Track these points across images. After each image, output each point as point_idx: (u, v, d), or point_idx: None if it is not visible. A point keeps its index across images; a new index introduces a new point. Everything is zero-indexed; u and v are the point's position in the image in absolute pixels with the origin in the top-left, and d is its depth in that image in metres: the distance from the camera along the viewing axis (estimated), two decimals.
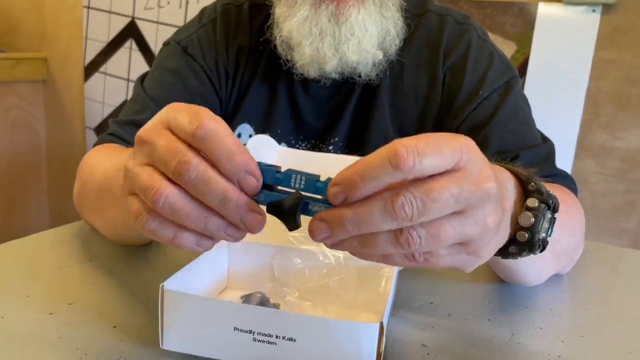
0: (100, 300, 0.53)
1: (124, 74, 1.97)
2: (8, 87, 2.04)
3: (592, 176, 1.42)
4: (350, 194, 0.33)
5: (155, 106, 0.76)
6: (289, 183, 0.36)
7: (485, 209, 0.35)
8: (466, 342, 0.49)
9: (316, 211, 0.35)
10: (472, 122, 0.74)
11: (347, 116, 0.78)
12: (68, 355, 0.43)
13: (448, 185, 0.32)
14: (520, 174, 0.45)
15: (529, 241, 0.43)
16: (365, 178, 0.32)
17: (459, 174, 0.33)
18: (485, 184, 0.34)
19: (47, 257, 0.62)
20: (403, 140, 0.32)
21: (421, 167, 0.32)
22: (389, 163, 0.32)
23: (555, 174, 0.69)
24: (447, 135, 0.33)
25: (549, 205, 0.44)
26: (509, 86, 0.75)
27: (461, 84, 0.75)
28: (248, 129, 0.80)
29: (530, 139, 0.72)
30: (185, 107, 0.37)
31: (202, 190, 0.35)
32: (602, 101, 1.39)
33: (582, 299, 0.60)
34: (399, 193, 0.32)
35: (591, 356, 0.48)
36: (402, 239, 0.33)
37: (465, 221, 0.34)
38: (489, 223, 0.35)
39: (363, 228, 0.33)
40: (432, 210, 0.32)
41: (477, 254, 0.36)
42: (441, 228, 0.33)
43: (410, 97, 0.78)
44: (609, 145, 1.40)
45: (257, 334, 0.41)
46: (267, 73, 0.80)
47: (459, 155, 0.33)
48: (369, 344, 0.40)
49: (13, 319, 0.48)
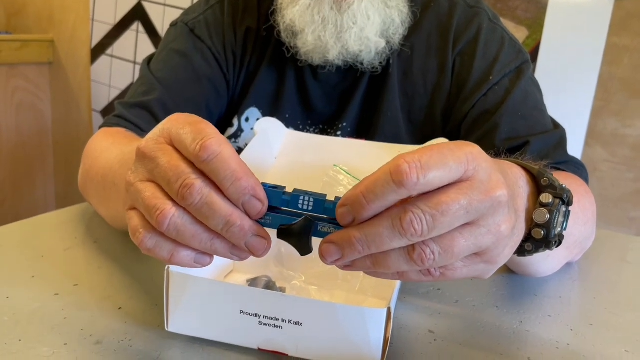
0: (105, 281, 0.53)
1: (130, 56, 1.96)
2: (14, 69, 2.03)
3: (601, 164, 1.41)
4: (357, 215, 0.32)
5: (162, 87, 0.75)
6: (296, 205, 0.35)
7: (497, 217, 0.34)
8: (474, 329, 0.49)
9: (326, 232, 0.35)
10: (482, 108, 0.72)
11: (356, 102, 0.78)
12: (73, 336, 0.43)
13: (457, 197, 0.32)
14: (531, 169, 0.44)
15: (545, 238, 0.42)
16: (369, 197, 0.32)
17: (467, 184, 0.32)
18: (495, 191, 0.33)
19: (52, 238, 0.62)
20: (405, 155, 0.31)
21: (426, 181, 0.31)
22: (392, 180, 0.31)
23: (566, 160, 0.68)
24: (451, 146, 0.32)
25: (563, 199, 0.42)
26: (520, 71, 0.74)
27: (471, 69, 0.74)
28: (256, 113, 0.80)
29: (541, 125, 0.71)
30: (188, 122, 0.35)
31: (206, 214, 0.34)
32: (613, 88, 1.37)
33: (591, 287, 0.60)
34: (406, 209, 0.31)
35: (600, 344, 0.47)
36: (415, 256, 0.32)
37: (477, 231, 0.33)
38: (503, 230, 0.34)
39: (373, 247, 0.32)
40: (443, 224, 0.32)
41: (493, 261, 0.36)
42: (454, 241, 0.33)
43: (420, 82, 0.76)
44: (620, 133, 1.38)
45: (263, 317, 0.41)
46: (275, 57, 0.79)
47: (465, 165, 0.32)
48: (376, 329, 0.39)
49: (18, 299, 0.48)
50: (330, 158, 0.63)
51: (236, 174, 0.33)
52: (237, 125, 0.80)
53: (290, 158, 0.66)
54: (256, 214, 0.35)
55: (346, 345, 0.40)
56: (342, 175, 0.56)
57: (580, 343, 0.47)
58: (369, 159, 0.64)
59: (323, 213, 0.35)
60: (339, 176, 0.56)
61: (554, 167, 0.65)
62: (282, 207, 0.36)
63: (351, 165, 0.60)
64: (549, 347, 0.46)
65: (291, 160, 0.66)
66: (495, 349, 0.45)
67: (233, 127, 0.80)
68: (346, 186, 0.56)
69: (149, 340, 0.43)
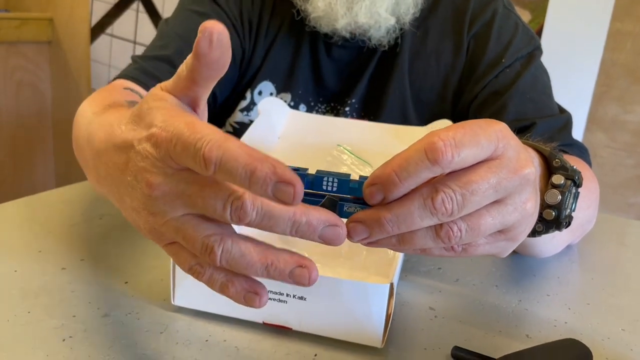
0: (111, 256, 0.53)
1: (130, 36, 1.95)
2: (13, 47, 2.02)
3: (602, 149, 1.41)
4: (388, 193, 0.32)
5: (181, 42, 0.74)
6: (320, 186, 0.34)
7: (523, 195, 0.34)
8: (473, 307, 0.49)
9: (351, 212, 0.34)
10: (492, 89, 0.74)
11: (365, 78, 0.79)
12: (81, 309, 0.44)
13: (487, 176, 0.31)
14: (543, 150, 0.45)
15: (556, 219, 0.42)
16: (402, 175, 0.31)
17: (496, 162, 0.32)
18: (524, 169, 0.33)
19: (58, 214, 0.63)
20: (439, 132, 0.30)
21: (460, 159, 0.30)
22: (426, 158, 0.30)
23: (570, 143, 0.69)
24: (482, 123, 0.32)
25: (574, 181, 0.43)
26: (531, 56, 0.75)
27: (484, 51, 0.75)
28: (270, 87, 0.80)
29: (548, 108, 0.72)
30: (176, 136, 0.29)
31: (268, 224, 0.30)
32: (615, 73, 1.37)
33: (589, 268, 0.61)
34: (437, 189, 0.31)
35: (597, 322, 0.48)
36: (443, 234, 0.32)
37: (505, 210, 0.33)
38: (529, 208, 0.34)
39: (403, 227, 0.32)
40: (472, 203, 0.31)
41: (515, 239, 0.36)
42: (481, 219, 0.33)
43: (432, 63, 0.77)
44: (621, 118, 1.39)
45: (268, 291, 0.42)
46: (291, 31, 0.79)
47: (496, 142, 0.32)
48: (378, 305, 0.40)
49: (26, 274, 0.49)
50: (333, 138, 0.63)
51: (249, 167, 0.27)
52: (249, 99, 0.80)
53: (293, 138, 0.66)
54: (292, 200, 0.28)
55: (349, 319, 0.41)
56: (345, 155, 0.57)
57: (577, 321, 0.48)
58: (372, 140, 0.64)
59: (348, 193, 0.34)
60: (343, 156, 0.57)
61: (559, 150, 0.66)
62: (306, 189, 0.35)
63: (354, 145, 0.60)
64: (546, 325, 0.47)
65: (294, 140, 0.66)
66: (494, 326, 0.46)
67: (246, 100, 0.80)
68: (349, 166, 0.56)
69: (155, 313, 0.44)
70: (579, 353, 0.39)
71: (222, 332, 0.43)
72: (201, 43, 0.31)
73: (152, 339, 0.41)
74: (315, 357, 0.40)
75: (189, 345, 0.41)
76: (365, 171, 0.55)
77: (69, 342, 0.40)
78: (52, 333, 0.41)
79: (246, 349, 0.41)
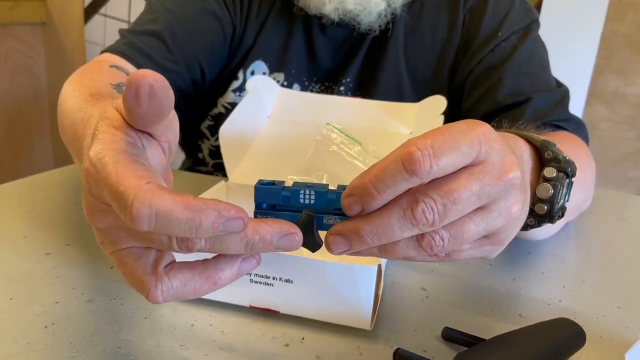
0: (96, 241, 0.52)
1: (124, 16, 1.92)
2: (6, 29, 1.99)
3: (602, 123, 1.39)
4: (365, 205, 0.30)
5: (171, 16, 0.72)
6: (297, 200, 0.33)
7: (509, 200, 0.32)
8: (466, 287, 0.49)
9: (331, 224, 0.33)
10: (487, 64, 0.72)
11: (360, 56, 0.77)
12: (65, 295, 0.43)
13: (469, 183, 0.30)
14: (534, 140, 0.43)
15: (549, 212, 0.41)
16: (379, 187, 0.30)
17: (479, 168, 0.31)
18: (508, 174, 0.31)
19: (43, 198, 0.62)
20: (416, 140, 0.29)
21: (439, 168, 0.29)
22: (404, 168, 0.29)
23: (567, 118, 0.67)
24: (463, 127, 0.30)
25: (567, 173, 0.41)
26: (528, 29, 0.73)
27: (480, 25, 0.73)
28: (262, 67, 0.78)
29: (544, 83, 0.71)
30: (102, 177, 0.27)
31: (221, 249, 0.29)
32: (616, 45, 1.34)
33: (586, 245, 0.60)
34: (417, 199, 0.30)
35: (592, 301, 0.47)
36: (425, 244, 0.31)
37: (489, 216, 0.32)
38: (514, 212, 0.33)
39: (383, 239, 0.31)
40: (454, 212, 0.30)
41: (501, 242, 0.35)
42: (464, 227, 0.31)
43: (428, 38, 0.76)
44: (622, 91, 1.36)
45: (254, 275, 0.41)
46: (283, 9, 0.78)
47: (478, 147, 0.30)
48: (366, 287, 0.39)
49: (10, 260, 0.48)
50: (323, 116, 0.62)
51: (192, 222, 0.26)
52: (242, 79, 0.79)
53: (283, 116, 0.65)
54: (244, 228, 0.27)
55: (337, 302, 0.40)
56: (334, 134, 0.56)
57: (572, 299, 0.47)
58: (362, 117, 0.63)
59: (326, 205, 0.33)
60: (332, 135, 0.56)
61: (555, 125, 0.65)
62: (283, 204, 0.33)
63: (344, 124, 0.59)
64: (540, 304, 0.46)
65: (284, 118, 0.65)
66: (486, 305, 0.46)
67: (238, 80, 0.79)
68: (339, 145, 0.55)
69: (140, 299, 0.43)
70: (572, 332, 0.39)
71: (208, 316, 0.42)
72: (127, 98, 0.28)
73: (136, 324, 0.40)
74: (302, 340, 0.40)
75: (174, 330, 0.40)
76: (355, 150, 0.54)
77: (50, 329, 0.39)
78: (34, 320, 0.40)
79: (232, 333, 0.40)
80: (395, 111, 0.63)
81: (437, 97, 0.64)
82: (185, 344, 0.38)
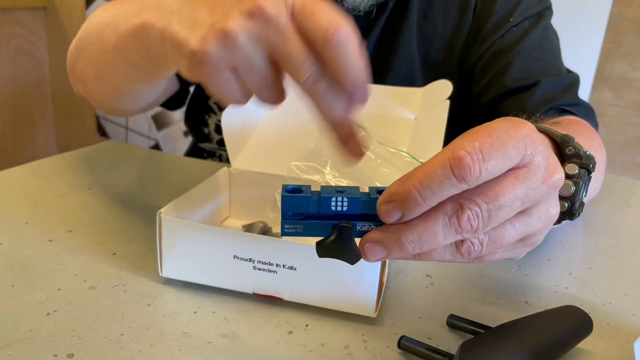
0: (99, 227, 0.52)
1: None
2: (8, 14, 1.98)
3: (608, 108, 1.38)
4: (407, 212, 0.29)
5: None
6: (329, 208, 0.31)
7: (549, 202, 0.31)
8: (471, 273, 0.48)
9: (365, 231, 0.31)
10: (498, 48, 0.71)
11: (373, 39, 0.76)
12: (67, 282, 0.43)
13: (514, 188, 0.29)
14: (554, 135, 0.42)
15: (569, 209, 0.40)
16: (426, 194, 0.28)
17: (524, 171, 0.29)
18: (553, 177, 0.30)
19: (46, 184, 0.61)
20: (464, 144, 0.27)
21: (487, 174, 0.28)
22: (452, 174, 0.27)
23: (576, 103, 0.67)
24: (508, 127, 0.29)
25: (589, 170, 0.40)
26: (540, 16, 0.73)
27: (492, 10, 0.73)
28: None
29: (554, 68, 0.70)
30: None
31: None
32: (624, 29, 1.32)
33: (593, 231, 0.59)
34: (463, 206, 0.28)
35: (598, 288, 0.47)
36: (464, 250, 0.30)
37: (529, 220, 0.31)
38: (553, 215, 0.32)
39: (425, 247, 0.29)
40: (498, 218, 0.29)
41: (534, 244, 0.34)
42: (505, 232, 0.30)
43: (439, 23, 0.75)
44: (629, 76, 1.34)
45: (257, 262, 0.40)
46: None
47: (524, 149, 0.29)
48: (371, 274, 0.39)
49: (12, 246, 0.48)
50: None
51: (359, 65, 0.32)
52: None
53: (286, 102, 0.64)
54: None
55: (341, 289, 0.40)
56: None
57: (578, 286, 0.47)
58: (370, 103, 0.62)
59: (360, 211, 0.31)
60: None
61: (564, 110, 0.64)
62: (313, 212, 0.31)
63: None
64: (546, 291, 0.46)
65: (287, 104, 0.64)
66: (492, 292, 0.45)
67: None
68: None
69: (143, 285, 0.43)
70: (578, 320, 0.38)
71: (212, 303, 0.41)
72: None
73: (139, 311, 0.40)
74: (306, 327, 0.39)
75: (177, 317, 0.40)
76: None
77: (53, 316, 0.39)
78: (36, 307, 0.40)
79: (236, 320, 0.40)
80: (399, 96, 0.62)
81: (443, 81, 0.63)
82: (188, 331, 0.38)
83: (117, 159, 0.72)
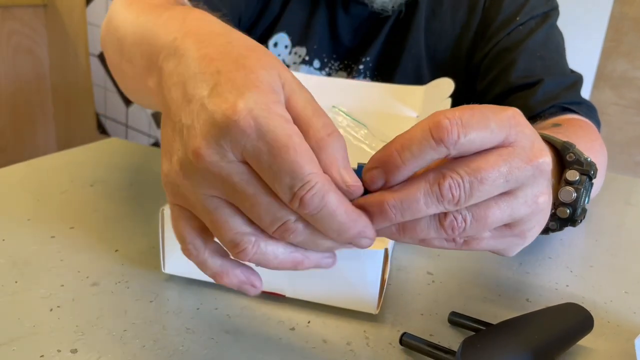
0: (101, 224, 0.52)
1: None
2: (8, 11, 1.98)
3: (609, 107, 1.38)
4: (390, 176, 0.29)
5: None
6: None
7: (536, 187, 0.31)
8: (472, 271, 0.48)
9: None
10: (503, 46, 0.72)
11: (382, 36, 0.77)
12: (69, 278, 0.43)
13: (497, 163, 0.29)
14: (554, 142, 0.42)
15: (571, 216, 0.40)
16: (405, 155, 0.28)
17: (508, 150, 0.29)
18: (538, 159, 0.30)
19: (48, 181, 0.61)
20: (445, 111, 0.28)
21: (466, 140, 0.28)
22: (431, 136, 0.28)
23: (579, 102, 0.67)
24: (493, 107, 0.29)
25: (590, 176, 0.40)
26: (547, 16, 0.73)
27: (500, 8, 0.74)
28: (285, 40, 0.78)
29: (558, 67, 0.71)
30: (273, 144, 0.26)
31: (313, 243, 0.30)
32: (625, 28, 1.32)
33: (593, 229, 0.59)
34: (445, 174, 0.29)
35: (600, 285, 0.47)
36: (447, 224, 0.30)
37: (514, 202, 0.31)
38: (540, 203, 0.32)
39: (407, 214, 0.29)
40: (481, 192, 0.29)
41: (523, 235, 0.33)
42: (488, 210, 0.30)
43: (447, 22, 0.76)
44: (630, 75, 1.35)
45: None
46: None
47: (507, 128, 0.29)
48: (373, 271, 0.39)
49: (14, 242, 0.48)
50: (329, 99, 0.61)
51: (343, 227, 0.28)
52: None
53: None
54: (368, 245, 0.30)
55: (343, 286, 0.40)
56: (340, 117, 0.55)
57: (579, 284, 0.47)
58: (368, 100, 0.62)
59: None
60: (338, 117, 0.55)
61: (566, 108, 0.65)
62: None
63: (350, 106, 0.58)
64: (547, 289, 0.46)
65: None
66: (493, 290, 0.45)
67: None
68: (345, 128, 0.54)
69: (146, 282, 0.43)
70: (579, 318, 0.38)
71: (214, 300, 0.42)
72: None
73: (141, 307, 0.40)
74: (308, 324, 0.40)
75: (180, 313, 0.40)
76: (361, 133, 0.54)
77: (56, 312, 0.39)
78: (40, 303, 0.40)
79: (238, 316, 0.40)
80: (402, 94, 0.63)
81: (445, 79, 0.63)
82: (191, 327, 0.38)
83: (118, 156, 0.72)
